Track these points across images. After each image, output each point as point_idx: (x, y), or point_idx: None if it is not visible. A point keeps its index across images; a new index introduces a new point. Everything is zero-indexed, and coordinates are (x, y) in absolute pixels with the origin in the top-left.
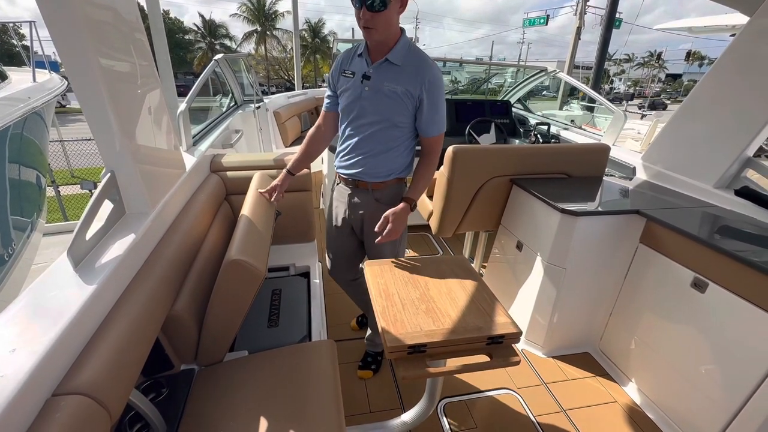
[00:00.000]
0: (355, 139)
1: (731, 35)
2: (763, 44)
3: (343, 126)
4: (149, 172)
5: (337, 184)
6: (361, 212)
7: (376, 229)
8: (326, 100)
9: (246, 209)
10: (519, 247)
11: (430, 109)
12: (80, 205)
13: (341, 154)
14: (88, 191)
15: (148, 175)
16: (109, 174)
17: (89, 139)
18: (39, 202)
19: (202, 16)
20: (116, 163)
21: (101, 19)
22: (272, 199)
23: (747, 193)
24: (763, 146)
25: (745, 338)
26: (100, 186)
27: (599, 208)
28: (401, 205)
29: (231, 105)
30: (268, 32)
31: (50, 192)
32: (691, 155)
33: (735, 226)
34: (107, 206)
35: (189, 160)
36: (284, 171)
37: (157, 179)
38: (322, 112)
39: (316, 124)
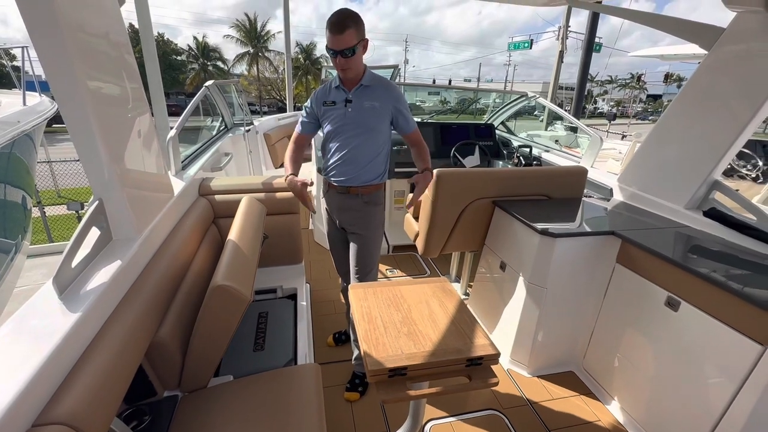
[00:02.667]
0: (345, 152)
1: (698, 62)
2: (720, 76)
3: (331, 144)
4: (137, 197)
5: (328, 191)
6: (351, 213)
7: (409, 202)
8: (302, 125)
9: (233, 233)
10: (502, 267)
11: (404, 115)
12: (66, 226)
13: (333, 167)
14: (74, 212)
15: (135, 201)
16: (97, 202)
17: (76, 160)
18: (24, 224)
19: (195, 38)
20: (104, 190)
21: (90, 43)
22: (310, 203)
23: (715, 215)
24: (735, 166)
25: (716, 355)
26: (87, 214)
27: (577, 230)
28: (425, 172)
29: (221, 128)
30: (260, 54)
31: (36, 212)
32: (663, 177)
33: (704, 245)
34: (94, 233)
35: (177, 185)
36: (290, 176)
37: (145, 204)
38: (296, 134)
39: (293, 141)
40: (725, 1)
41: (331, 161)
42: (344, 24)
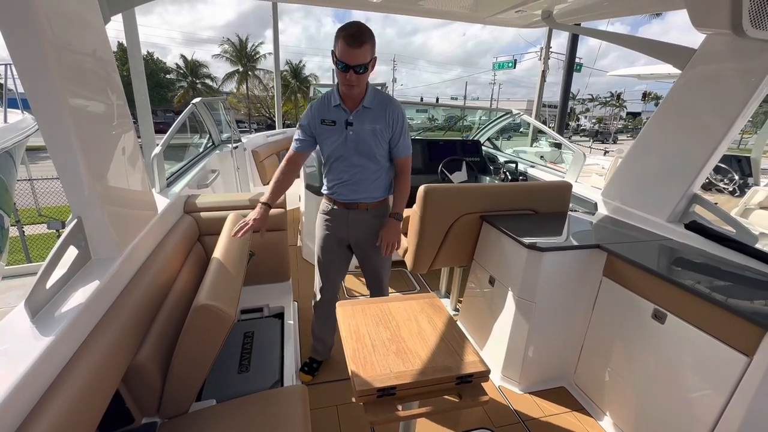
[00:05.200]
0: (348, 175)
1: (673, 81)
2: (693, 94)
3: (332, 164)
4: (118, 215)
5: (332, 208)
6: (360, 228)
7: (380, 246)
8: (298, 143)
9: (218, 251)
10: (491, 282)
11: (401, 137)
12: (46, 246)
13: (335, 186)
14: (55, 231)
15: (116, 219)
16: (75, 220)
17: (58, 178)
18: (0, 244)
19: (183, 57)
20: (83, 208)
21: (73, 60)
22: (243, 235)
23: (696, 228)
24: (713, 180)
25: (704, 367)
26: (65, 233)
27: (563, 243)
28: (389, 220)
29: (208, 145)
30: (249, 72)
31: (14, 231)
32: (644, 192)
33: (687, 258)
34: (72, 252)
35: (161, 202)
36: (261, 205)
37: (127, 222)
38: (291, 152)
39: (286, 160)
40: (695, 23)
41: (334, 183)
42: (363, 38)
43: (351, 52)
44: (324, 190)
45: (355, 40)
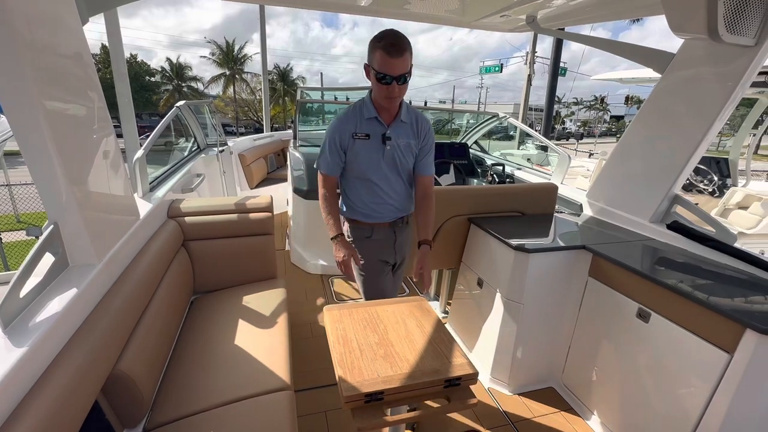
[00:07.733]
0: (384, 190)
1: (653, 85)
2: (673, 97)
3: (363, 181)
4: (98, 220)
5: (372, 234)
6: (404, 248)
7: (416, 278)
8: (331, 165)
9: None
10: (480, 284)
11: (429, 153)
12: (25, 253)
13: (369, 206)
14: (34, 238)
15: (95, 224)
16: (51, 226)
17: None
18: None
19: (169, 59)
20: (60, 213)
21: (49, 62)
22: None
23: (677, 228)
24: (693, 182)
25: (687, 365)
26: (41, 239)
27: (550, 245)
28: (424, 249)
29: (193, 149)
30: (237, 76)
31: None
32: (628, 193)
33: (669, 257)
34: (48, 259)
35: (144, 207)
36: (336, 239)
37: (107, 228)
38: (326, 176)
39: (325, 189)
40: (673, 28)
41: (369, 200)
42: (402, 45)
43: (393, 63)
44: (353, 214)
45: (396, 50)
